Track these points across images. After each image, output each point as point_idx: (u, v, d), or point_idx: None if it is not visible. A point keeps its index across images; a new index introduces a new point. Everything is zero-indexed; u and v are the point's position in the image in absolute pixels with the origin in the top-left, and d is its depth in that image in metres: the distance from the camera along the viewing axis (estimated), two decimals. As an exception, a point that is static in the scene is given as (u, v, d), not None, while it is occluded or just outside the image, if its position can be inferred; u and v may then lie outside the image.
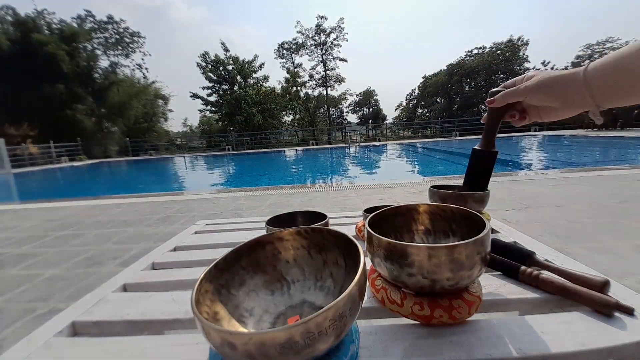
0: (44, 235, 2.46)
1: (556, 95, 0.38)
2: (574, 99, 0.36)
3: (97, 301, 0.50)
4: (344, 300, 0.25)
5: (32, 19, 16.25)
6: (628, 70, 0.32)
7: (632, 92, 0.32)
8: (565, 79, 0.36)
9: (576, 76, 0.35)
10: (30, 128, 17.07)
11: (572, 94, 0.36)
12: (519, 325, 0.37)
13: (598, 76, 0.34)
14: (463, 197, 0.70)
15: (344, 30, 22.63)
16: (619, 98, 0.34)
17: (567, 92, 0.36)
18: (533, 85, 0.39)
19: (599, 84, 0.34)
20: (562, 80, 0.37)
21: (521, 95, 0.41)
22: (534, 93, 0.39)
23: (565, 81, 0.36)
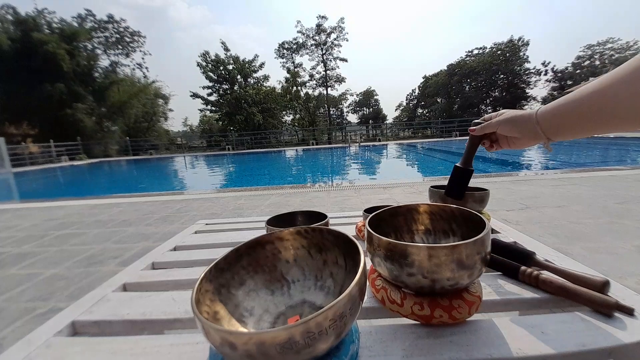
0: (44, 234, 2.46)
1: (518, 129, 0.47)
2: (530, 132, 0.46)
3: (97, 301, 0.50)
4: (344, 300, 0.25)
5: (33, 18, 16.24)
6: (565, 113, 0.40)
7: (573, 129, 0.41)
8: (524, 117, 0.46)
9: (531, 115, 0.45)
10: (31, 127, 17.07)
11: (529, 129, 0.45)
12: (519, 325, 0.37)
13: (545, 116, 0.43)
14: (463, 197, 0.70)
15: (344, 30, 22.64)
16: (563, 133, 0.42)
17: (526, 127, 0.46)
18: (502, 119, 0.50)
19: (546, 122, 0.43)
20: (522, 117, 0.47)
21: (494, 127, 0.51)
22: (503, 125, 0.50)
23: (524, 119, 0.46)
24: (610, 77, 0.35)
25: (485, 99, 26.87)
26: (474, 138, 0.56)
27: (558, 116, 0.41)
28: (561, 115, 0.41)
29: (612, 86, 0.35)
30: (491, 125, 0.51)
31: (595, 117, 0.37)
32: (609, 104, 0.35)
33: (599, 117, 0.36)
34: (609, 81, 0.35)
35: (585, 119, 0.38)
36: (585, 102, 0.37)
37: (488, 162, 7.49)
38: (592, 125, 0.38)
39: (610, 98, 0.35)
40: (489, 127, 0.52)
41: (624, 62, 0.34)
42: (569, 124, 0.40)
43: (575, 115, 0.39)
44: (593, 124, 0.38)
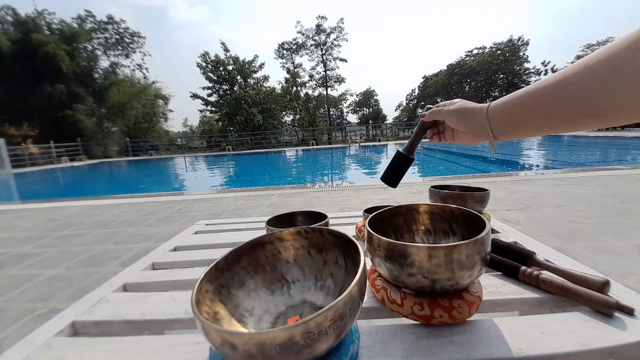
0: (45, 235, 2.46)
1: (465, 122, 0.44)
2: (477, 128, 0.42)
3: (97, 301, 0.50)
4: (344, 300, 0.25)
5: (33, 19, 16.26)
6: (515, 110, 0.38)
7: (518, 127, 0.39)
8: (475, 111, 0.43)
9: (482, 110, 0.41)
10: (31, 128, 17.08)
11: (476, 124, 0.42)
12: (519, 325, 0.37)
13: (495, 112, 0.40)
14: (463, 197, 0.70)
15: (344, 30, 22.64)
16: (509, 132, 0.40)
17: (474, 122, 0.43)
18: (452, 109, 0.46)
19: (495, 118, 0.40)
20: (473, 111, 0.43)
21: (443, 115, 0.47)
22: (451, 116, 0.46)
23: (475, 112, 0.43)
24: (554, 75, 0.33)
25: (485, 98, 26.84)
26: (422, 124, 0.53)
27: (513, 110, 0.38)
28: (518, 109, 0.38)
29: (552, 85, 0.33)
30: (441, 113, 0.48)
31: (541, 114, 0.35)
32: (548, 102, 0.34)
33: (544, 115, 0.35)
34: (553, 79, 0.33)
35: (534, 115, 0.35)
36: (547, 94, 0.34)
37: (488, 162, 7.49)
38: (540, 122, 0.36)
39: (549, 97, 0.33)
40: (437, 114, 0.48)
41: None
42: (525, 119, 0.37)
43: (535, 111, 0.36)
44: (540, 121, 0.36)
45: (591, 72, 0.29)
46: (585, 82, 0.30)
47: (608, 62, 0.28)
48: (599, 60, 0.28)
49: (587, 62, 0.30)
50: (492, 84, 26.43)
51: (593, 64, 0.29)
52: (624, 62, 0.27)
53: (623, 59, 0.27)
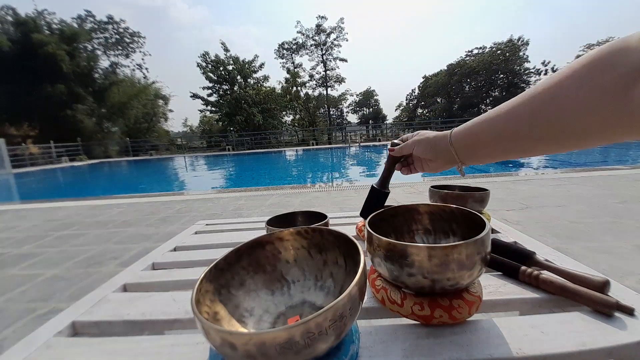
0: (45, 235, 2.46)
1: (432, 150, 0.45)
2: (444, 154, 0.43)
3: (98, 301, 0.50)
4: (344, 300, 0.25)
5: (33, 19, 16.24)
6: (472, 138, 0.39)
7: (479, 154, 0.39)
8: (438, 138, 0.44)
9: (445, 137, 0.43)
10: (31, 128, 17.08)
11: (443, 151, 0.43)
12: (519, 325, 0.37)
13: (457, 139, 0.41)
14: (463, 197, 0.70)
15: (344, 30, 22.65)
16: (472, 158, 0.41)
17: (440, 149, 0.44)
18: (416, 140, 0.48)
19: (458, 144, 0.41)
20: (436, 139, 0.45)
21: (410, 148, 0.49)
22: (417, 146, 0.48)
23: (438, 140, 0.44)
24: (505, 105, 0.34)
25: (485, 98, 26.87)
26: (392, 159, 0.54)
27: (472, 136, 0.39)
28: (476, 135, 0.38)
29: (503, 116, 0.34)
30: (407, 146, 0.49)
31: (496, 143, 0.36)
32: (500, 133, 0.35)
33: (499, 144, 0.36)
34: (504, 109, 0.34)
35: (500, 139, 0.36)
36: (501, 120, 0.35)
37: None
38: (497, 150, 0.36)
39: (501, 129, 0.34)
40: (405, 149, 0.50)
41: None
42: (483, 145, 0.38)
43: (490, 136, 0.36)
44: (496, 149, 0.36)
45: (534, 102, 0.30)
46: (529, 112, 0.31)
47: (549, 91, 0.29)
48: (542, 89, 0.30)
49: (531, 91, 0.31)
50: (492, 84, 26.43)
51: (536, 93, 0.30)
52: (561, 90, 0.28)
53: (561, 88, 0.28)
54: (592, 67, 0.26)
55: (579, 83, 0.27)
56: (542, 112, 0.30)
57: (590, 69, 0.26)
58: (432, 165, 0.48)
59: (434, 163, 0.47)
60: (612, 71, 0.24)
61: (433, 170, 0.49)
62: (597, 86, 0.25)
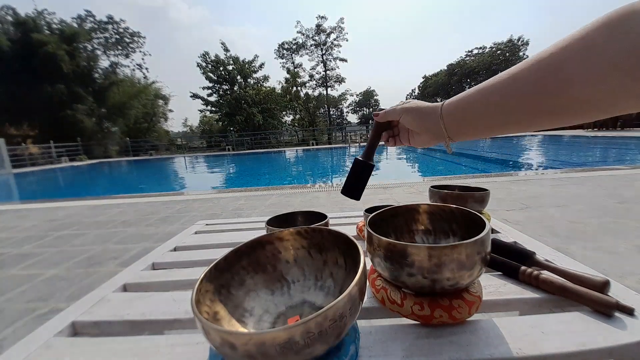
0: (45, 235, 2.46)
1: (421, 121, 0.42)
2: (432, 128, 0.41)
3: (97, 301, 0.50)
4: (344, 300, 0.25)
5: (32, 19, 16.25)
6: (467, 110, 0.36)
7: (471, 127, 0.37)
8: (429, 109, 0.41)
9: (436, 108, 0.39)
10: (31, 128, 17.08)
11: (431, 123, 0.40)
12: (519, 325, 0.37)
13: (449, 111, 0.38)
14: (463, 197, 0.70)
15: (344, 30, 22.66)
16: (463, 133, 0.38)
17: (429, 121, 0.41)
18: (406, 107, 0.44)
19: (449, 118, 0.38)
20: (427, 109, 0.41)
21: (397, 114, 0.45)
22: (405, 114, 0.44)
23: (429, 111, 0.41)
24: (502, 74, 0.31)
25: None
26: (377, 126, 0.50)
27: (465, 109, 0.36)
28: (469, 107, 0.36)
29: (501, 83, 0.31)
30: (395, 112, 0.45)
31: (491, 114, 0.33)
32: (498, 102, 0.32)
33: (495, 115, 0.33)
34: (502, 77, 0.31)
35: (497, 112, 0.33)
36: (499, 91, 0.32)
37: (488, 162, 7.49)
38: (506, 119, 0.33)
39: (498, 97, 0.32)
40: (392, 114, 0.46)
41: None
42: (477, 118, 0.35)
43: (486, 109, 0.34)
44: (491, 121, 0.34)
45: (539, 70, 0.28)
46: (532, 82, 0.29)
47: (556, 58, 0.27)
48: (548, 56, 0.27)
49: (535, 58, 0.29)
50: (492, 84, 26.37)
51: (541, 60, 0.28)
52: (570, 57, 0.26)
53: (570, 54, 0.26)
54: (605, 32, 0.24)
55: (589, 50, 0.25)
56: (547, 81, 0.28)
57: (602, 35, 0.24)
58: (419, 140, 0.45)
59: (420, 137, 0.44)
60: (625, 38, 0.23)
61: (419, 145, 0.46)
62: (610, 54, 0.24)
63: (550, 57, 0.27)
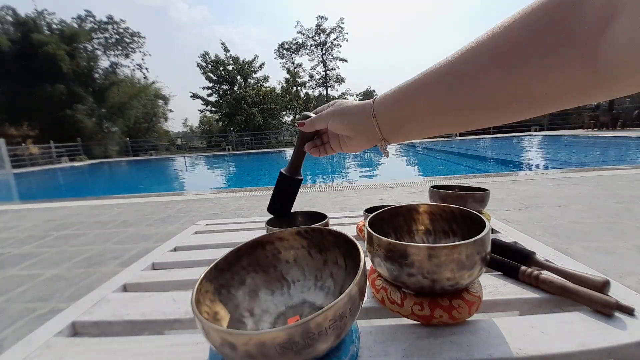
0: (44, 235, 2.46)
1: (350, 123, 0.37)
2: (365, 129, 0.36)
3: (97, 301, 0.50)
4: (344, 300, 0.25)
5: (33, 19, 16.27)
6: (398, 107, 0.32)
7: (405, 126, 0.33)
8: (358, 108, 0.36)
9: (367, 107, 0.35)
10: (31, 128, 17.09)
11: (363, 124, 0.36)
12: (519, 325, 0.37)
13: (381, 109, 0.34)
14: (463, 197, 0.70)
15: (344, 30, 22.66)
16: (398, 133, 0.34)
17: (360, 121, 0.36)
18: (331, 111, 0.39)
19: (382, 116, 0.34)
20: (356, 109, 0.36)
21: (324, 120, 0.40)
22: (333, 118, 0.39)
23: (358, 110, 0.36)
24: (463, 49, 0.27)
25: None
26: (303, 136, 0.44)
27: (401, 106, 0.32)
28: (405, 104, 0.31)
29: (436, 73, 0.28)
30: (321, 119, 0.40)
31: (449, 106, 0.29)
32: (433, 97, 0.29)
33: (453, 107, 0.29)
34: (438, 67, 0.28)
35: (436, 109, 0.29)
36: (436, 84, 0.28)
37: (488, 162, 7.49)
38: (446, 118, 0.29)
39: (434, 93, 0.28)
40: (319, 121, 0.40)
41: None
42: (414, 116, 0.31)
43: (425, 105, 0.30)
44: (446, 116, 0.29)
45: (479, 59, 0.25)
46: (473, 73, 0.25)
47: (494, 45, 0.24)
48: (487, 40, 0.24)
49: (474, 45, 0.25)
50: (492, 84, 26.41)
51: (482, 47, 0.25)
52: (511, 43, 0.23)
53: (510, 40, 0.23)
54: (550, 11, 0.21)
55: (532, 34, 0.22)
56: (485, 73, 0.24)
57: (547, 15, 0.21)
58: (351, 144, 0.40)
59: (353, 141, 0.39)
60: (575, 16, 0.20)
61: (352, 150, 0.41)
62: (556, 36, 0.21)
63: (491, 42, 0.24)
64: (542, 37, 0.21)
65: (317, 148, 0.45)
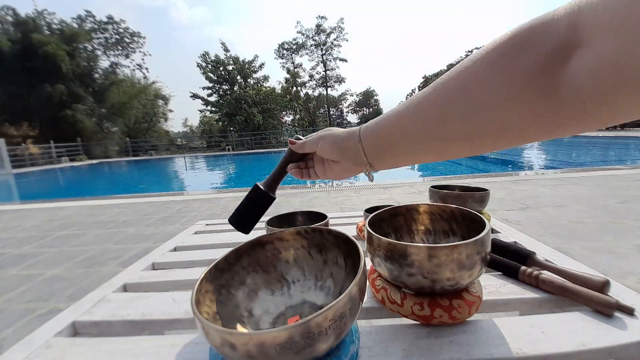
0: (45, 235, 2.46)
1: (338, 147, 0.38)
2: (350, 153, 0.37)
3: (98, 301, 0.50)
4: (344, 300, 0.25)
5: (33, 19, 16.26)
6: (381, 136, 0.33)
7: (389, 154, 0.34)
8: (346, 133, 0.38)
9: (354, 133, 0.36)
10: (31, 128, 17.08)
11: (350, 148, 0.37)
12: (519, 325, 0.37)
13: (366, 135, 0.35)
14: (463, 197, 0.70)
15: (344, 30, 22.66)
16: (383, 159, 0.35)
17: (346, 146, 0.37)
18: (321, 134, 0.40)
19: (368, 141, 0.35)
20: (344, 134, 0.38)
21: (314, 143, 0.41)
22: (322, 141, 0.40)
23: (346, 136, 0.37)
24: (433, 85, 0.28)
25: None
26: (291, 156, 0.44)
27: (381, 134, 0.33)
28: (384, 133, 0.33)
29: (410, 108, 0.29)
30: (311, 142, 0.41)
31: (420, 137, 0.30)
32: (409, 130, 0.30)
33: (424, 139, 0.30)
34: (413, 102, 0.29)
35: (409, 139, 0.30)
36: (409, 117, 0.29)
37: (488, 162, 7.49)
38: (419, 147, 0.31)
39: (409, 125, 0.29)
40: (308, 144, 0.42)
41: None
42: (393, 145, 0.32)
43: (399, 135, 0.31)
44: (419, 145, 0.30)
45: (445, 93, 0.26)
46: (438, 107, 0.26)
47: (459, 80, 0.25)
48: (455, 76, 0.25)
49: (444, 79, 0.26)
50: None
51: (448, 81, 0.26)
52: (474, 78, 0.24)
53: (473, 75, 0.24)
54: (512, 46, 0.21)
55: (494, 68, 0.22)
56: (452, 106, 0.25)
57: (508, 50, 0.21)
58: (337, 169, 0.40)
59: (338, 165, 0.40)
60: (536, 50, 0.20)
61: (336, 177, 0.41)
62: (517, 71, 0.21)
63: (457, 78, 0.25)
64: (504, 73, 0.22)
65: (300, 170, 0.45)
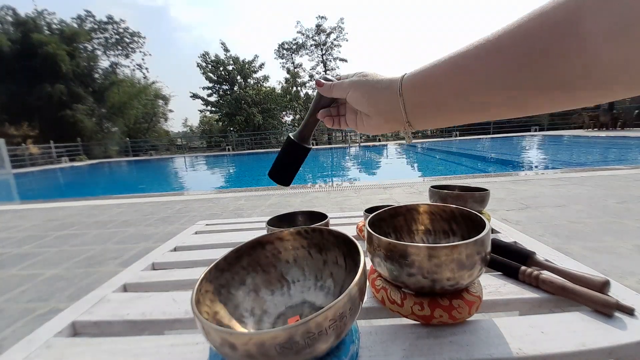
0: (44, 235, 2.46)
1: (372, 100, 0.32)
2: (386, 108, 0.31)
3: (97, 301, 0.50)
4: (344, 300, 0.25)
5: (33, 19, 16.28)
6: (434, 85, 0.27)
7: (439, 109, 0.28)
8: (384, 83, 0.31)
9: (394, 83, 0.30)
10: (31, 128, 17.08)
11: (386, 102, 0.30)
12: (519, 325, 0.37)
13: (410, 86, 0.29)
14: (463, 197, 0.70)
15: (344, 30, 22.65)
16: (427, 117, 0.29)
17: (383, 100, 0.31)
18: (355, 81, 0.34)
19: (412, 95, 0.29)
20: (382, 83, 0.31)
21: (344, 90, 0.34)
22: (353, 89, 0.33)
23: (384, 86, 0.31)
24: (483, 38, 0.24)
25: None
26: (319, 100, 0.39)
27: (435, 84, 0.27)
28: (442, 81, 0.26)
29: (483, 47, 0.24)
30: (341, 87, 0.35)
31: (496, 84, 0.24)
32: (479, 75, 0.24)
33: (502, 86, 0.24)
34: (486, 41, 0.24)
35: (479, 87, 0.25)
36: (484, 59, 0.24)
37: (488, 162, 7.49)
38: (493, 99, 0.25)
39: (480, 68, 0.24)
40: (338, 89, 0.35)
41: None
42: (450, 96, 0.26)
43: (465, 83, 0.25)
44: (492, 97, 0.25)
45: (544, 24, 0.21)
46: (527, 47, 0.21)
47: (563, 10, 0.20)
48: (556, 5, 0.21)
49: (533, 13, 0.22)
50: (492, 84, 26.40)
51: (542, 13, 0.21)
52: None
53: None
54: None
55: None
56: (557, 37, 0.20)
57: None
58: (368, 124, 0.34)
59: (371, 120, 0.34)
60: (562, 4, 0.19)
61: (368, 131, 0.35)
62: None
63: (559, 7, 0.20)
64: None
65: (331, 118, 0.39)
